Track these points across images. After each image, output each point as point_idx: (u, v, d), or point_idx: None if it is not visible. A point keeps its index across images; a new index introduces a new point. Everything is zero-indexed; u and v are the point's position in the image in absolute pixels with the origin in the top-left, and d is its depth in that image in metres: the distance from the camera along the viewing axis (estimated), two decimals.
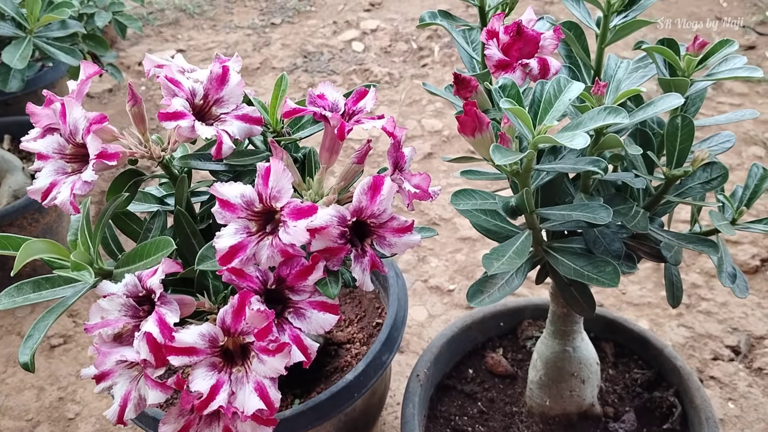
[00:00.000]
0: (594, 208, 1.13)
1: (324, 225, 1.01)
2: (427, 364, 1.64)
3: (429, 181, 1.12)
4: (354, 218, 1.04)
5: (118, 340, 1.01)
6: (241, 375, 1.00)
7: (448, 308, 2.36)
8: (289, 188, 1.00)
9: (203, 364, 0.99)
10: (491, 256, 1.17)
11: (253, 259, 1.02)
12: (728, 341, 2.16)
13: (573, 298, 1.33)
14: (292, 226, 0.99)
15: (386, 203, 1.04)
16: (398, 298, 1.66)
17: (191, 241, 1.15)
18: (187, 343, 0.97)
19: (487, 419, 1.65)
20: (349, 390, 1.49)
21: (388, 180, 1.03)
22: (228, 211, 1.01)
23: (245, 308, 0.98)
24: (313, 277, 1.03)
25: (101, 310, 1.01)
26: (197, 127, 1.07)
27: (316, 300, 1.05)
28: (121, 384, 1.03)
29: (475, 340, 1.77)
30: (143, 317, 1.02)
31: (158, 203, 1.25)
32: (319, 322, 1.04)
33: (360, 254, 1.06)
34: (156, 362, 0.97)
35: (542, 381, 1.58)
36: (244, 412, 0.97)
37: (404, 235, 1.07)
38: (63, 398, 2.16)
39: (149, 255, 1.05)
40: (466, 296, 1.26)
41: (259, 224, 1.03)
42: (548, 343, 1.56)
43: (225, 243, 1.00)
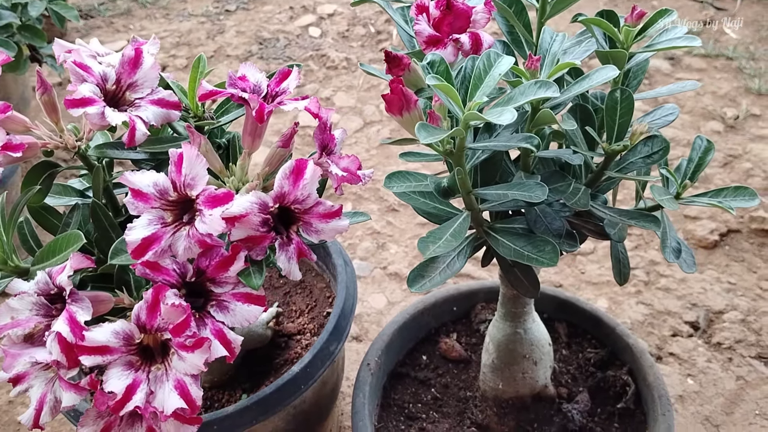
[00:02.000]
0: (530, 186, 1.10)
1: (243, 212, 0.96)
2: (378, 352, 1.61)
3: (358, 164, 1.07)
4: (277, 204, 0.99)
5: (30, 341, 0.96)
6: (161, 373, 0.95)
7: (407, 295, 2.32)
8: (203, 175, 0.95)
9: (118, 363, 0.94)
10: (427, 240, 1.13)
11: (169, 251, 0.97)
12: (687, 317, 2.15)
13: (517, 280, 1.30)
14: (207, 214, 0.94)
15: (310, 188, 0.99)
16: (347, 287, 1.62)
17: (110, 234, 1.10)
18: (100, 341, 0.92)
19: (441, 405, 1.62)
20: (295, 382, 1.45)
21: (310, 163, 0.98)
22: (140, 201, 0.96)
23: (160, 303, 0.93)
24: (234, 268, 0.98)
25: (11, 309, 0.95)
26: (107, 114, 1.02)
27: (239, 291, 1.00)
28: (36, 387, 0.98)
29: (428, 326, 1.73)
30: (56, 316, 0.97)
31: (79, 196, 1.20)
32: (244, 315, 1.00)
33: (285, 242, 1.02)
34: (68, 363, 0.92)
35: (495, 364, 1.55)
36: (163, 412, 0.93)
37: (332, 221, 1.02)
38: (12, 402, 2.10)
39: (61, 250, 0.99)
40: (407, 282, 1.23)
41: (175, 214, 0.98)
42: (499, 326, 1.53)
43: (137, 235, 0.95)
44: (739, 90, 3.06)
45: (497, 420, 1.56)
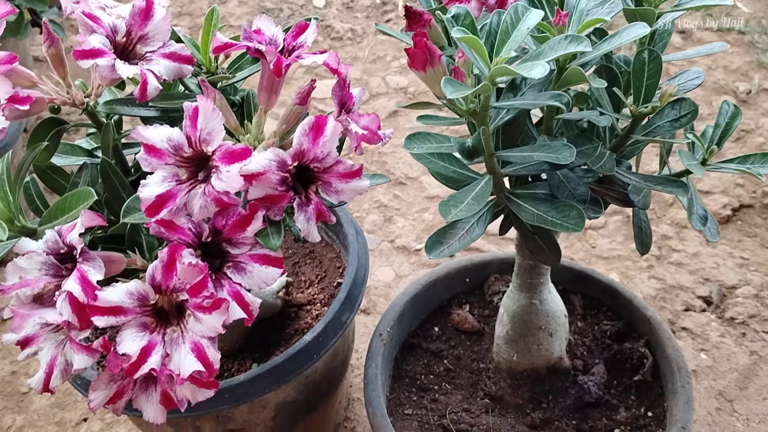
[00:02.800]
0: (557, 147, 1.06)
1: (262, 170, 0.92)
2: (390, 322, 1.58)
3: (378, 123, 1.03)
4: (295, 163, 0.95)
5: (39, 302, 0.92)
6: (177, 335, 0.92)
7: (415, 268, 2.29)
8: (220, 130, 0.91)
9: (132, 324, 0.90)
10: (448, 203, 1.09)
11: (184, 210, 0.93)
12: (700, 292, 2.12)
13: (538, 247, 1.26)
14: (224, 171, 0.90)
15: (330, 145, 0.95)
16: (358, 256, 1.58)
17: (120, 194, 1.06)
18: (113, 302, 0.88)
19: (453, 377, 1.59)
20: (307, 351, 1.42)
21: (331, 120, 0.94)
22: (154, 156, 0.92)
23: (176, 262, 0.89)
24: (251, 228, 0.94)
25: (19, 269, 0.92)
26: (118, 66, 0.97)
27: (257, 253, 0.97)
28: (46, 349, 0.94)
29: (440, 298, 1.70)
30: (66, 276, 0.93)
31: (87, 156, 1.16)
32: (261, 277, 0.96)
33: (304, 202, 0.98)
34: (80, 324, 0.88)
35: (509, 336, 1.52)
36: (180, 375, 0.89)
37: (352, 181, 0.98)
38: (16, 372, 2.07)
39: (71, 208, 0.96)
40: (425, 248, 1.19)
41: (190, 171, 0.94)
42: (514, 297, 1.50)
43: (151, 192, 0.91)
44: (751, 64, 3.01)
45: (511, 392, 1.54)
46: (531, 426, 1.50)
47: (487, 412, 1.52)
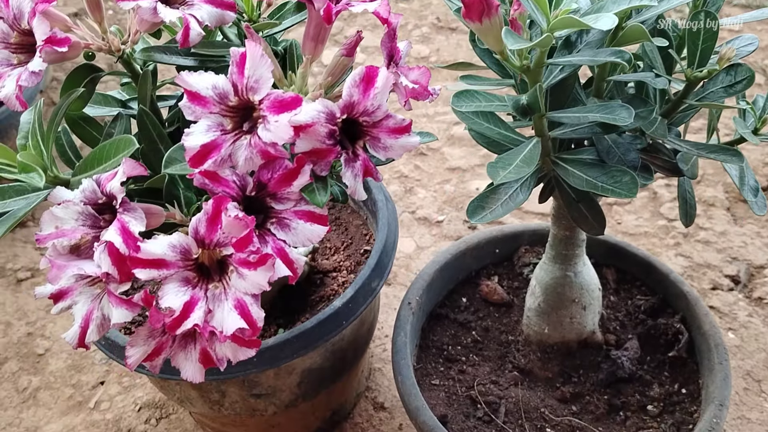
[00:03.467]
0: (613, 108, 1.01)
1: (310, 122, 0.88)
2: (419, 291, 1.54)
3: (429, 76, 0.99)
4: (344, 115, 0.91)
5: (76, 253, 0.88)
6: (219, 292, 0.88)
7: (436, 240, 2.25)
8: (268, 77, 0.87)
9: (174, 278, 0.86)
10: (496, 165, 1.05)
11: (229, 161, 0.89)
12: (727, 271, 2.08)
13: (581, 216, 1.22)
14: (273, 121, 0.86)
15: (381, 98, 0.91)
16: (388, 223, 1.54)
17: (158, 146, 1.01)
18: (156, 254, 0.84)
19: (481, 348, 1.56)
20: (337, 317, 1.38)
21: (383, 70, 0.90)
22: (198, 105, 0.88)
23: (221, 215, 0.85)
24: (298, 183, 0.90)
25: (55, 218, 0.88)
26: (160, 9, 0.93)
27: (301, 209, 0.93)
28: (81, 303, 0.91)
29: (468, 268, 1.66)
30: (104, 227, 0.89)
31: (120, 107, 1.11)
32: (306, 234, 0.92)
33: (351, 158, 0.94)
34: (120, 276, 0.85)
35: (541, 308, 1.48)
36: (222, 332, 0.86)
37: (401, 137, 0.94)
38: (32, 333, 2.04)
39: (109, 157, 0.92)
40: (467, 212, 1.15)
41: (235, 121, 0.90)
42: (548, 269, 1.46)
43: (196, 141, 0.87)
44: None
45: (541, 365, 1.51)
46: (561, 400, 1.47)
47: (515, 384, 1.49)
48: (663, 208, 2.29)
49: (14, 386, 1.91)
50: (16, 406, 1.87)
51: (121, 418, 1.82)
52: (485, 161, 2.52)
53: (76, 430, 1.81)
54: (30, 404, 1.87)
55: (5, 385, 1.92)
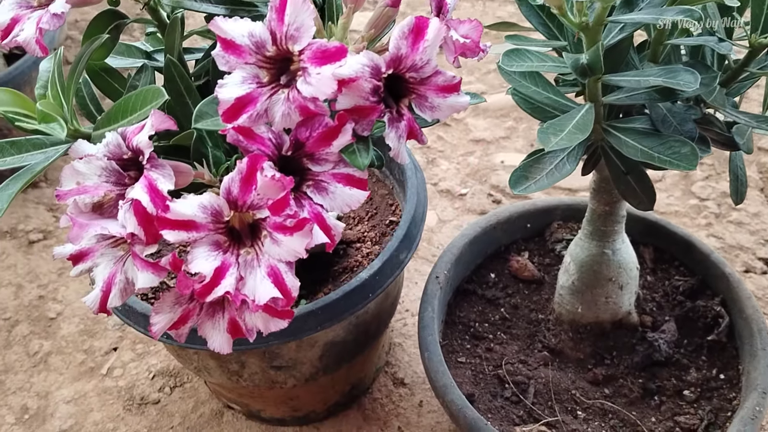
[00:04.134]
0: (677, 72, 0.94)
1: (354, 75, 0.81)
2: (447, 265, 1.48)
3: (481, 31, 0.91)
4: (390, 70, 0.84)
5: (98, 211, 0.82)
6: (251, 258, 0.82)
7: (459, 213, 2.18)
8: (310, 25, 0.79)
9: (205, 242, 0.80)
10: (547, 131, 0.98)
11: (265, 117, 0.82)
12: (761, 253, 2.01)
13: (629, 189, 1.15)
14: (314, 73, 0.78)
15: (431, 52, 0.84)
16: (417, 192, 1.47)
17: (185, 100, 0.95)
18: (186, 215, 0.78)
19: (509, 326, 1.50)
20: (363, 289, 1.32)
21: (435, 21, 0.83)
22: (233, 54, 0.81)
23: (256, 174, 0.79)
24: (338, 143, 0.84)
25: (77, 173, 0.81)
26: None
27: (340, 172, 0.86)
28: (103, 265, 0.85)
29: (498, 242, 1.60)
30: (129, 185, 0.83)
31: (144, 58, 1.04)
32: (345, 199, 0.86)
33: (395, 117, 0.87)
34: (146, 237, 0.78)
35: (575, 286, 1.42)
36: (255, 301, 0.79)
37: (450, 96, 0.87)
38: (43, 297, 1.99)
39: (135, 109, 0.85)
40: (509, 183, 1.08)
41: (272, 74, 0.83)
42: (584, 245, 1.40)
43: (230, 93, 0.80)
44: None
45: (572, 345, 1.45)
46: (593, 382, 1.41)
47: (545, 365, 1.43)
48: (695, 186, 2.21)
49: (25, 350, 1.87)
50: (26, 370, 1.83)
51: (134, 386, 1.77)
52: (511, 134, 2.44)
53: (87, 396, 1.76)
54: (41, 369, 1.83)
55: (16, 348, 1.87)
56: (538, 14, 1.20)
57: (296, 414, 1.62)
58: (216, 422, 1.69)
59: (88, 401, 1.75)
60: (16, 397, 1.77)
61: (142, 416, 1.72)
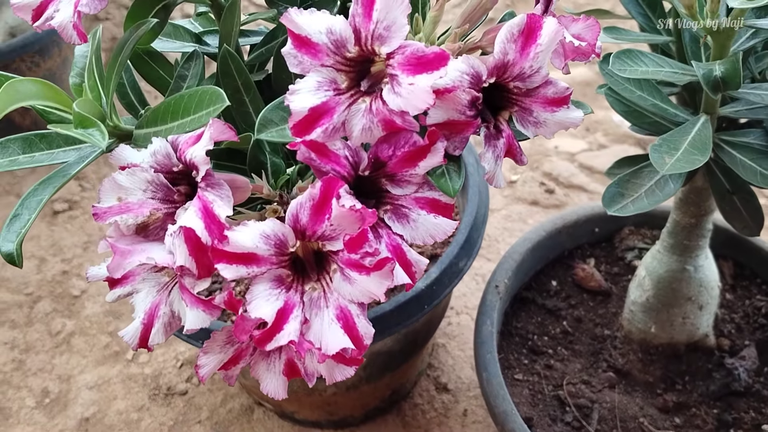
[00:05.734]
0: None
1: (450, 86, 0.67)
2: (507, 273, 1.35)
3: (598, 31, 0.76)
4: (492, 79, 0.70)
5: (143, 233, 0.70)
6: (318, 296, 0.70)
7: (509, 202, 2.05)
8: (403, 23, 0.65)
9: (266, 278, 0.68)
10: (660, 148, 0.84)
11: (342, 131, 0.69)
12: None
13: (734, 211, 1.01)
14: (405, 83, 0.65)
15: (543, 58, 0.70)
16: (479, 191, 1.34)
17: (243, 98, 0.81)
18: (246, 246, 0.65)
19: (571, 341, 1.38)
20: (419, 301, 1.20)
21: (551, 22, 0.68)
22: (307, 54, 0.67)
23: (330, 203, 0.65)
24: (426, 164, 0.70)
25: (118, 188, 0.69)
26: None
27: (424, 196, 0.73)
28: (145, 292, 0.73)
29: (561, 247, 1.46)
30: (179, 202, 0.71)
31: (194, 41, 0.91)
32: (428, 228, 0.73)
33: (493, 134, 0.73)
34: (199, 270, 0.66)
35: (649, 303, 1.29)
36: (321, 350, 0.67)
37: (559, 110, 0.73)
38: (67, 272, 1.89)
39: (187, 112, 0.72)
40: (602, 201, 0.95)
41: (351, 78, 0.70)
42: (663, 259, 1.26)
43: (304, 102, 0.66)
44: None
45: (641, 367, 1.32)
46: (662, 409, 1.29)
47: (611, 387, 1.31)
48: None
49: (47, 329, 1.78)
50: (48, 351, 1.74)
51: (161, 374, 1.68)
52: None
53: (111, 382, 1.67)
54: (63, 350, 1.74)
55: (38, 326, 1.78)
56: (638, 3, 1.05)
57: (332, 418, 1.52)
58: (246, 419, 1.60)
59: (111, 388, 1.66)
60: (37, 378, 1.69)
61: (168, 407, 1.63)
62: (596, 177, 2.07)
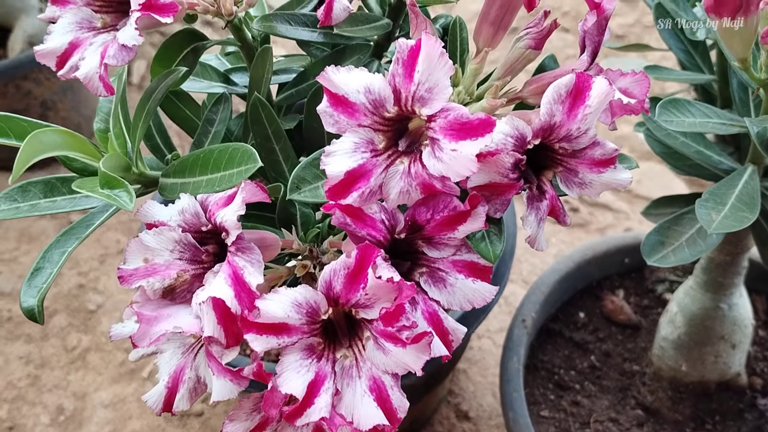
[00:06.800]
0: None
1: (494, 149, 0.63)
2: (535, 306, 1.32)
3: (647, 86, 0.73)
4: (537, 140, 0.67)
5: (169, 297, 0.67)
6: (349, 364, 0.67)
7: None
8: (446, 85, 0.62)
9: (296, 348, 0.65)
10: (707, 204, 0.80)
11: (378, 193, 0.65)
12: None
13: None
14: (448, 149, 0.61)
15: (591, 120, 0.66)
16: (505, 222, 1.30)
17: (272, 146, 0.78)
18: (277, 317, 0.62)
19: (599, 377, 1.34)
20: None
21: (601, 82, 0.65)
22: (344, 113, 0.64)
23: (366, 272, 0.62)
24: (466, 228, 0.67)
25: (145, 249, 0.66)
26: None
27: (462, 259, 0.70)
28: (170, 353, 0.70)
29: (590, 277, 1.43)
30: (207, 262, 0.68)
31: (222, 81, 0.88)
32: (466, 294, 0.69)
33: (536, 195, 0.70)
34: (227, 340, 0.63)
35: (681, 341, 1.25)
36: (354, 424, 0.64)
37: (606, 171, 0.70)
38: (83, 286, 1.87)
39: (217, 167, 0.68)
40: (642, 250, 0.91)
41: (389, 137, 0.66)
42: (696, 296, 1.22)
43: (340, 166, 0.63)
44: None
45: (670, 405, 1.28)
46: None
47: (639, 425, 1.28)
48: None
49: (62, 344, 1.76)
50: (63, 367, 1.72)
51: None
52: None
53: (126, 401, 1.65)
54: (78, 366, 1.72)
55: (53, 341, 1.77)
56: (679, 38, 1.01)
57: None
58: None
59: (127, 407, 1.65)
60: (52, 395, 1.67)
61: (183, 428, 1.61)
62: (621, 195, 2.03)
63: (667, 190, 2.00)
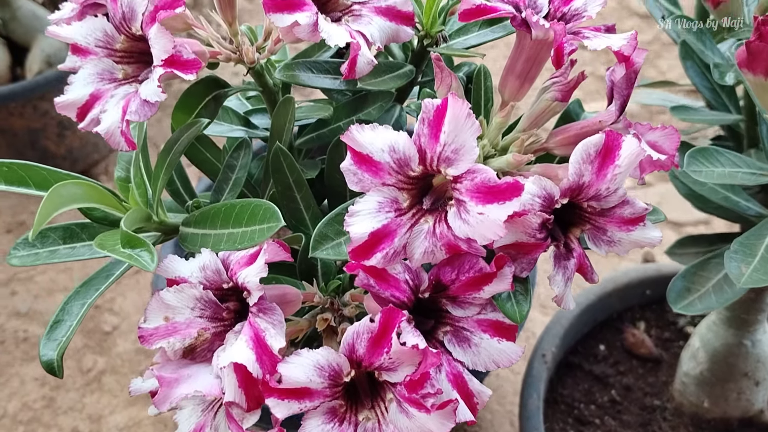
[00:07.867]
0: None
1: (521, 210, 0.62)
2: (555, 340, 1.30)
3: (677, 141, 0.71)
4: (565, 200, 0.65)
5: (189, 356, 0.66)
6: (371, 427, 0.65)
7: None
8: (472, 146, 0.61)
9: (319, 411, 0.64)
10: (735, 256, 0.78)
11: (402, 254, 0.64)
12: None
13: None
14: (475, 212, 0.60)
15: (621, 180, 0.65)
16: None
17: (293, 194, 0.77)
18: (299, 381, 0.61)
19: (620, 411, 1.32)
20: None
21: (631, 141, 0.63)
22: (368, 171, 0.63)
23: (390, 336, 0.61)
24: (492, 289, 0.66)
25: (165, 307, 0.65)
26: (322, 26, 0.67)
27: (487, 318, 0.68)
28: (189, 410, 0.69)
29: (610, 309, 1.41)
30: (227, 320, 0.67)
31: (242, 124, 0.87)
32: (491, 354, 0.68)
33: (563, 254, 0.68)
34: (248, 403, 0.62)
35: (703, 377, 1.23)
36: None
37: (635, 229, 0.68)
38: (99, 306, 1.87)
39: (239, 222, 0.68)
40: (668, 297, 0.89)
41: (413, 195, 0.65)
42: (719, 332, 1.20)
43: (364, 227, 0.62)
44: None
45: None
46: None
47: None
48: None
49: (78, 365, 1.76)
50: (79, 389, 1.72)
51: None
52: None
53: (142, 425, 1.65)
54: (94, 388, 1.72)
55: (68, 362, 1.76)
56: (705, 77, 0.99)
57: None
58: None
59: (142, 431, 1.64)
60: (67, 417, 1.67)
61: None
62: None
63: (687, 215, 1.98)
